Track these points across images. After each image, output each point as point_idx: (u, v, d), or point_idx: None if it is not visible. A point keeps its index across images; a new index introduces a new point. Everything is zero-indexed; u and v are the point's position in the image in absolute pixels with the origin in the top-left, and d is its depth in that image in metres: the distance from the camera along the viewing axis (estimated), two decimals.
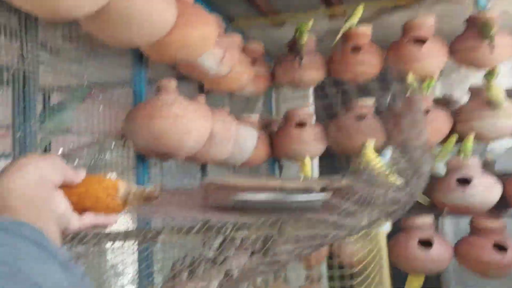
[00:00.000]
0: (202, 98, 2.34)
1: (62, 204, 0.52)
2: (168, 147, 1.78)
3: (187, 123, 1.76)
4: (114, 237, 0.88)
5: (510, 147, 3.73)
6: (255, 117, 3.13)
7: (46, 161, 0.53)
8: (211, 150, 2.16)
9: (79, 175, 0.58)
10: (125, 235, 0.89)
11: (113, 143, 3.16)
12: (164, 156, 1.88)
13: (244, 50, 3.05)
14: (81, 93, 2.24)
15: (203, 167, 3.10)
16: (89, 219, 0.55)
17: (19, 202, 0.46)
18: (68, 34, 1.73)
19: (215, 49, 2.23)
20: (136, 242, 1.05)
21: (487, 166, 3.04)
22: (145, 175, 2.06)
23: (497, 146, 3.70)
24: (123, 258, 2.32)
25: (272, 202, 1.21)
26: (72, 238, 0.86)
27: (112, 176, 0.65)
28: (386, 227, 1.92)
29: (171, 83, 1.90)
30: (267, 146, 3.07)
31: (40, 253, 0.39)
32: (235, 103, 4.15)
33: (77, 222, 0.54)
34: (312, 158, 3.07)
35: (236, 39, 2.77)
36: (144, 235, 0.89)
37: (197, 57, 2.07)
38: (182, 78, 2.80)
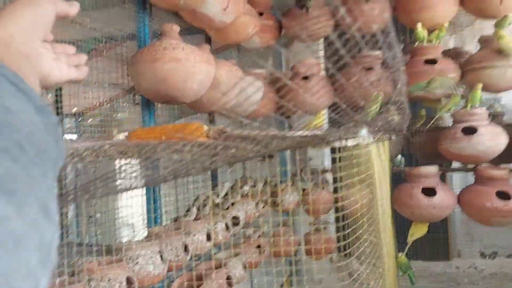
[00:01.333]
0: (206, 46, 2.37)
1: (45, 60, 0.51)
2: (171, 90, 1.83)
3: (190, 66, 1.80)
4: (111, 153, 0.95)
5: None
6: (262, 70, 3.15)
7: (30, 10, 0.50)
8: (216, 97, 2.21)
9: (74, 7, 0.57)
10: (121, 152, 0.96)
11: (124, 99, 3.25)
12: (168, 100, 1.94)
13: (251, 2, 3.04)
14: (88, 46, 2.29)
15: (211, 121, 3.17)
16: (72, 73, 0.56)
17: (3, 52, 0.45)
18: None
19: None
20: (134, 159, 1.12)
21: (496, 117, 3.03)
22: (151, 124, 2.13)
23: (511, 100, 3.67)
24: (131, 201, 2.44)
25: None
26: (71, 154, 0.93)
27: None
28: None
29: (174, 28, 1.93)
30: (274, 99, 3.10)
31: (17, 92, 0.39)
32: (245, 60, 4.19)
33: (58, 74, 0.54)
34: (321, 109, 3.10)
35: None
36: (140, 150, 0.95)
37: (201, 4, 2.09)
38: (189, 31, 2.84)
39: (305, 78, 3.01)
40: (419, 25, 2.74)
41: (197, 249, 2.09)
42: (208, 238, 2.17)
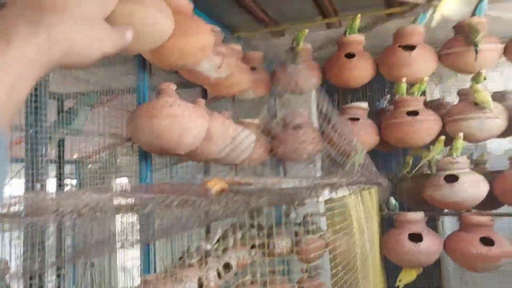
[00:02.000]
0: (201, 101, 2.54)
1: None
2: (167, 144, 1.97)
3: (186, 122, 1.95)
4: (106, 210, 1.06)
5: (508, 149, 3.84)
6: (255, 120, 3.32)
7: None
8: (209, 148, 2.35)
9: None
10: (116, 209, 1.08)
11: (122, 147, 3.39)
12: (164, 152, 2.07)
13: (244, 58, 3.26)
14: (91, 99, 2.46)
15: (206, 168, 3.31)
16: None
17: None
18: None
19: (213, 57, 2.43)
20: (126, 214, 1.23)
21: (479, 165, 3.17)
22: (148, 173, 2.26)
23: (496, 147, 3.81)
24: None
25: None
26: (71, 211, 1.05)
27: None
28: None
29: (171, 86, 2.10)
30: (267, 146, 3.25)
31: None
32: (241, 108, 4.39)
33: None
34: (311, 157, 3.24)
35: (235, 48, 2.98)
36: (132, 207, 1.07)
37: (196, 64, 2.27)
38: (186, 85, 3.03)
39: (296, 127, 3.17)
40: (403, 80, 2.93)
41: None
42: (200, 285, 2.24)
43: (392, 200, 3.43)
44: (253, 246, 2.95)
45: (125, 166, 3.78)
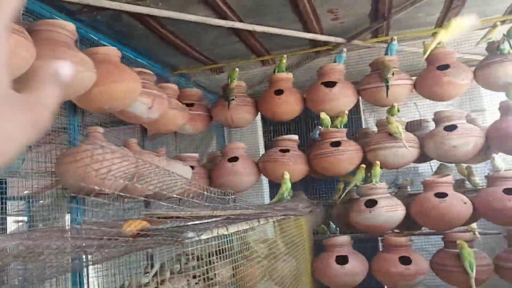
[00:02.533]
0: (133, 140, 2.70)
1: None
2: (91, 185, 2.10)
3: (107, 164, 2.09)
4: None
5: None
6: (195, 154, 3.50)
7: None
8: (140, 186, 2.49)
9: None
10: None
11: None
12: (89, 194, 2.20)
13: (182, 94, 3.44)
14: None
15: (146, 204, 3.42)
16: None
17: None
18: None
19: (144, 99, 2.60)
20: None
21: (400, 189, 3.44)
22: (78, 214, 2.37)
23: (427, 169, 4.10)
24: None
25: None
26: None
27: None
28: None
29: (97, 130, 2.24)
30: (206, 178, 3.41)
31: None
32: (190, 141, 4.54)
33: None
34: (245, 189, 3.42)
35: (171, 87, 3.16)
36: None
37: (124, 107, 2.43)
38: (125, 122, 3.17)
39: (232, 159, 3.35)
40: (322, 114, 3.18)
41: None
42: None
43: (332, 225, 3.65)
44: (194, 277, 3.06)
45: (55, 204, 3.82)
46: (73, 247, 1.51)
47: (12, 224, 3.85)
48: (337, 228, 3.69)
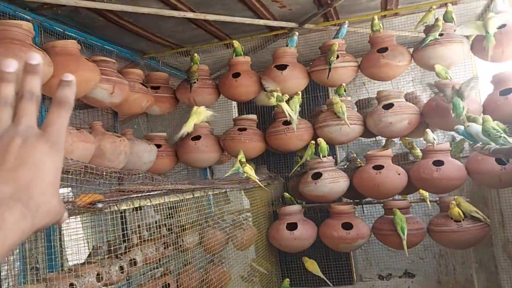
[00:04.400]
0: (97, 123, 2.99)
1: None
2: None
3: (67, 146, 2.40)
4: None
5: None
6: (162, 133, 3.79)
7: None
8: (103, 163, 2.80)
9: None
10: None
11: None
12: None
13: (149, 78, 3.72)
14: None
15: (120, 181, 3.74)
16: None
17: None
18: None
19: (105, 85, 2.88)
20: None
21: (351, 163, 3.75)
22: None
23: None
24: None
25: None
26: None
27: None
28: None
29: None
30: (173, 156, 3.72)
31: None
32: (169, 121, 4.82)
33: None
34: (209, 164, 3.74)
35: (135, 71, 3.42)
36: None
37: (86, 94, 2.71)
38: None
39: (195, 138, 3.64)
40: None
41: None
42: (99, 279, 2.69)
43: (287, 195, 3.98)
44: (165, 243, 3.41)
45: None
46: None
47: None
48: (292, 199, 3.97)
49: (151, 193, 2.13)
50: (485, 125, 2.26)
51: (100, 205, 1.56)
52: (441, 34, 3.09)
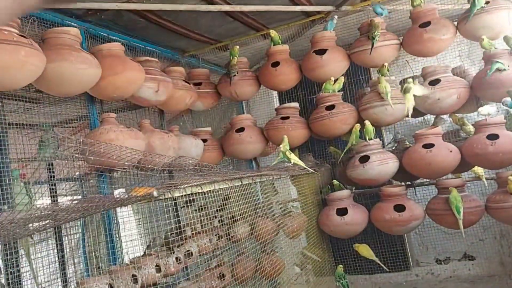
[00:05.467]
0: (146, 121, 3.10)
1: None
2: (110, 162, 2.53)
3: (120, 143, 2.51)
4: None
5: None
6: (207, 128, 3.87)
7: None
8: (153, 158, 2.90)
9: None
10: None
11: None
12: (110, 168, 2.63)
13: (190, 75, 3.80)
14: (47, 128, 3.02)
15: (170, 175, 3.85)
16: None
17: None
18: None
19: (150, 84, 2.98)
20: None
21: (399, 144, 3.65)
22: (105, 183, 2.83)
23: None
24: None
25: None
26: None
27: None
28: None
29: (110, 115, 2.66)
30: (219, 149, 3.80)
31: None
32: (212, 117, 4.92)
33: None
34: (253, 157, 3.77)
35: (177, 69, 3.50)
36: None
37: (131, 94, 2.82)
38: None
39: (239, 130, 3.69)
40: (331, 79, 3.41)
41: (148, 279, 2.71)
42: (159, 270, 2.80)
43: (335, 182, 3.94)
44: (218, 235, 3.48)
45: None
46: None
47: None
48: (341, 186, 3.92)
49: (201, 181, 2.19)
50: None
51: (155, 193, 1.63)
52: (487, 2, 2.94)
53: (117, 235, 3.04)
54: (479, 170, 3.30)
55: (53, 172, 3.85)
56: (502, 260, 4.39)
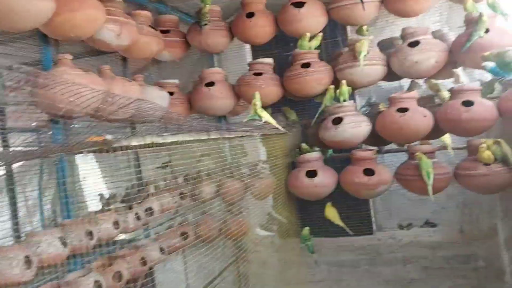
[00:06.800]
0: (105, 67, 2.85)
1: None
2: (65, 105, 2.30)
3: (75, 88, 2.27)
4: None
5: None
6: (174, 80, 3.64)
7: None
8: (112, 108, 2.68)
9: None
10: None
11: None
12: (63, 114, 2.40)
13: (157, 21, 3.52)
14: None
15: (133, 126, 3.64)
16: None
17: None
18: None
19: (111, 26, 2.71)
20: None
21: (373, 107, 3.56)
22: (59, 134, 2.60)
23: None
24: None
25: None
26: None
27: None
28: None
29: (65, 57, 2.40)
30: (186, 103, 3.59)
31: None
32: (181, 68, 4.65)
33: None
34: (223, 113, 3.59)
35: (144, 14, 3.22)
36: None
37: (90, 35, 2.56)
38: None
39: (209, 84, 3.49)
40: (307, 35, 3.22)
41: (105, 235, 2.55)
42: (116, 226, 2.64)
43: (304, 146, 3.84)
44: (182, 193, 3.34)
45: None
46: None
47: None
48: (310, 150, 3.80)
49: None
50: None
51: (109, 137, 1.45)
52: None
53: (73, 189, 2.84)
54: (447, 139, 3.27)
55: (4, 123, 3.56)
56: (462, 228, 4.50)
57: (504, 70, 2.51)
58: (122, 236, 2.83)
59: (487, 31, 2.78)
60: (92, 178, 3.16)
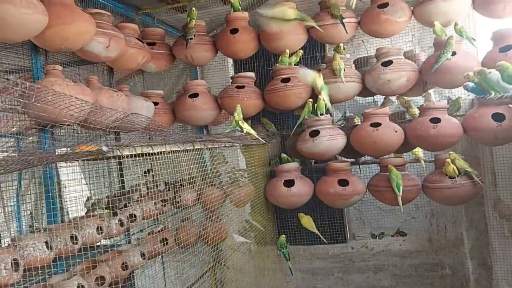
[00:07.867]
0: (93, 77, 2.95)
1: None
2: (53, 118, 2.39)
3: (65, 98, 2.36)
4: None
5: None
6: (159, 91, 3.75)
7: None
8: (101, 118, 2.78)
9: None
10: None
11: None
12: (54, 124, 2.48)
13: (144, 34, 3.64)
14: None
15: (116, 136, 3.72)
16: None
17: None
18: None
19: (100, 38, 2.81)
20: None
21: (348, 121, 3.76)
22: (46, 140, 2.67)
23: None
24: None
25: None
26: None
27: None
28: None
29: (56, 68, 2.49)
30: (170, 114, 3.70)
31: None
32: (165, 80, 4.76)
33: None
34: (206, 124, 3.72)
35: (131, 26, 3.34)
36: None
37: (80, 47, 2.66)
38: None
39: (193, 95, 3.61)
40: (287, 51, 3.39)
41: (89, 240, 2.63)
42: (100, 232, 2.72)
43: (284, 155, 4.00)
44: (164, 200, 3.43)
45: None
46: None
47: None
48: (288, 159, 3.96)
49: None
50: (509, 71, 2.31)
51: (105, 148, 1.56)
52: None
53: (58, 195, 2.91)
54: (419, 152, 3.49)
55: None
56: (431, 237, 4.73)
57: (484, 88, 2.74)
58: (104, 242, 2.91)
59: (454, 54, 3.00)
60: (75, 184, 3.23)
